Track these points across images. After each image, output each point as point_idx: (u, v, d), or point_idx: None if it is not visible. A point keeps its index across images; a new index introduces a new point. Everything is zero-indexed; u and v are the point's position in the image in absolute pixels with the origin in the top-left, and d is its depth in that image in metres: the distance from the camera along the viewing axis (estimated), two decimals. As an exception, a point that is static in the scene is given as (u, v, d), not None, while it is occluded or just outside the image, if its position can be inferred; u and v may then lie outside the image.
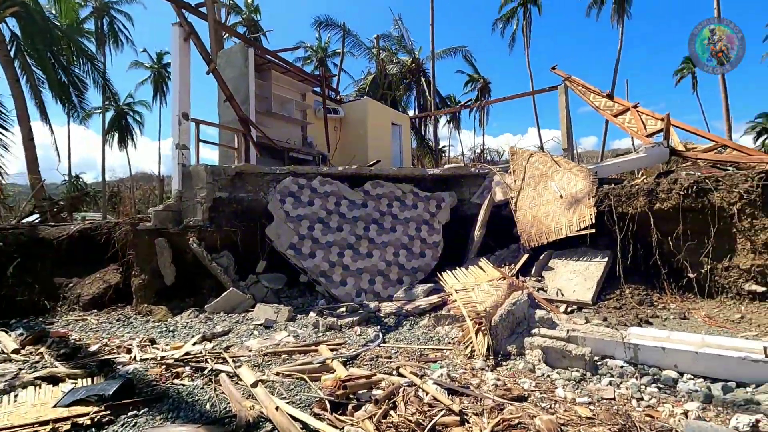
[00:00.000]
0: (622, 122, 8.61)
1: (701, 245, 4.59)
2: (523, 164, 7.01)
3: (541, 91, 11.28)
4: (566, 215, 5.84)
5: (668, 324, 4.27)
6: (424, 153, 24.73)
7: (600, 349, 3.58)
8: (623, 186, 5.40)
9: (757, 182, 4.15)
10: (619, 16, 27.38)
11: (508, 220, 6.91)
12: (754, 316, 4.10)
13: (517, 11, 31.76)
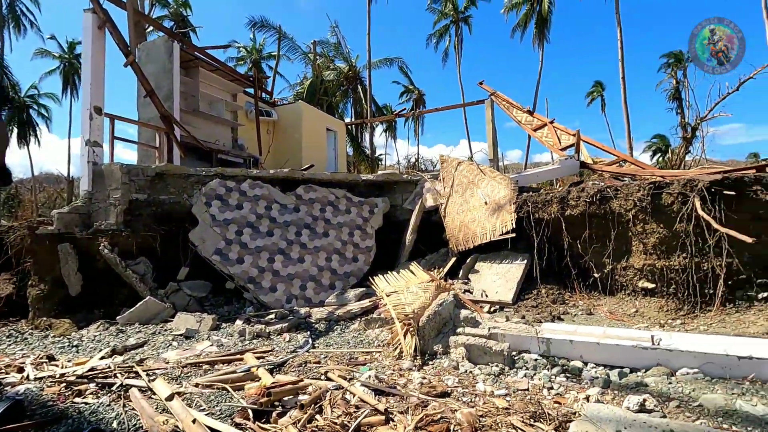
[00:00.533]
0: (540, 136, 9.36)
1: (604, 248, 5.11)
2: (452, 172, 7.33)
3: (470, 104, 11.91)
4: (490, 221, 6.19)
5: (576, 319, 4.68)
6: (361, 160, 24.89)
7: (517, 344, 3.82)
8: (540, 194, 5.87)
9: (648, 192, 4.73)
10: (539, 40, 29.80)
11: (438, 225, 7.17)
12: (645, 310, 4.64)
13: (449, 28, 33.33)
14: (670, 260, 4.60)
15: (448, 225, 6.87)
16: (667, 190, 4.63)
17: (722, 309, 4.23)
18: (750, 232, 4.07)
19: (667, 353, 3.21)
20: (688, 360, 3.14)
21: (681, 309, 4.43)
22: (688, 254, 4.46)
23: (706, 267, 4.37)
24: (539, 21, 29.44)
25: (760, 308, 4.08)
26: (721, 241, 4.20)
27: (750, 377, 2.93)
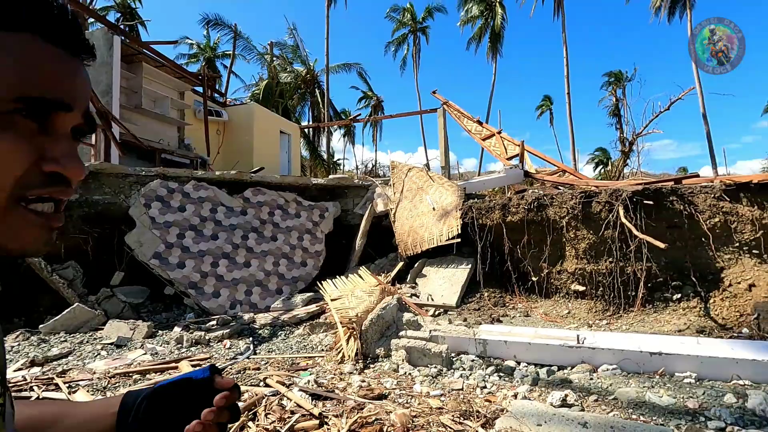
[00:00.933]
0: (488, 145, 9.74)
1: (541, 252, 5.39)
2: (402, 178, 7.46)
3: (424, 112, 12.18)
4: (438, 226, 6.35)
5: (514, 321, 4.90)
6: (317, 164, 24.70)
7: (456, 346, 3.94)
8: (484, 201, 6.10)
9: (579, 200, 5.06)
10: (492, 53, 31.06)
11: (388, 230, 7.25)
12: (577, 311, 4.94)
13: (407, 37, 33.96)
14: (599, 264, 4.94)
15: (398, 230, 6.97)
16: (596, 199, 4.97)
17: (642, 309, 4.59)
18: (666, 239, 4.46)
19: (591, 351, 3.43)
20: (608, 357, 3.37)
21: (607, 310, 4.75)
22: (614, 259, 4.80)
23: (629, 271, 4.73)
24: (493, 36, 30.69)
25: (674, 308, 4.47)
26: (641, 247, 4.56)
27: (660, 371, 3.20)
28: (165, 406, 0.58)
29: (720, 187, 4.81)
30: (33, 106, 0.37)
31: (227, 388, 0.57)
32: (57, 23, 0.40)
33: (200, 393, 0.57)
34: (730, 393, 2.76)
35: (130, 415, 0.58)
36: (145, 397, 0.59)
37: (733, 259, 4.54)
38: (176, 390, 0.59)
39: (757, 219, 4.52)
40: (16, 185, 0.37)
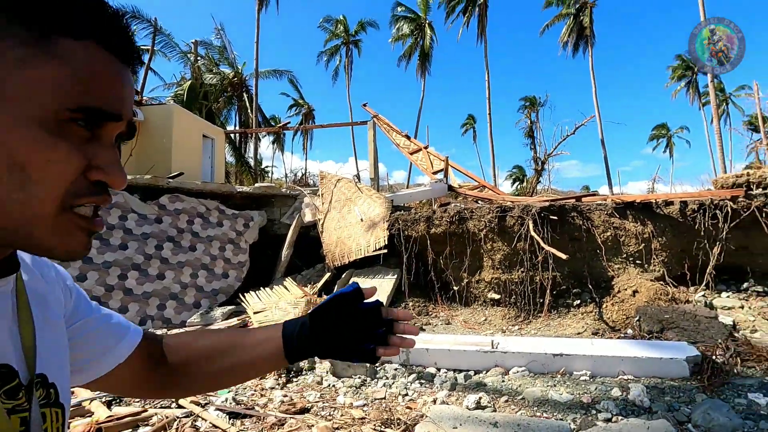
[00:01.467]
0: (416, 159, 10.10)
1: (462, 263, 5.70)
2: (330, 188, 7.46)
3: (354, 123, 12.32)
4: (365, 237, 6.43)
5: (437, 329, 5.10)
6: (243, 171, 23.75)
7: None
8: (410, 213, 6.32)
9: (496, 214, 5.47)
10: (422, 71, 32.42)
11: (316, 241, 7.19)
12: (493, 318, 5.28)
13: (340, 49, 34.23)
14: (512, 274, 5.34)
15: (326, 240, 6.93)
16: (510, 213, 5.40)
17: (548, 315, 5.04)
18: (568, 251, 4.96)
19: (503, 355, 3.69)
20: (517, 360, 3.65)
21: (519, 316, 5.15)
22: (525, 269, 5.23)
23: (537, 280, 5.17)
24: (422, 54, 32.07)
25: (574, 313, 4.97)
26: (548, 258, 5.03)
27: (561, 371, 3.54)
28: (324, 321, 0.65)
29: (611, 205, 5.48)
30: (91, 116, 0.38)
31: (371, 296, 0.66)
32: (115, 31, 0.40)
33: (351, 305, 0.65)
34: (617, 387, 3.14)
35: (294, 336, 0.65)
36: (305, 320, 0.66)
37: (621, 268, 5.18)
38: (332, 305, 0.65)
39: (640, 233, 5.22)
40: (67, 192, 0.38)
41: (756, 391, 2.92)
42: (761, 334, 3.94)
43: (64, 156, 0.37)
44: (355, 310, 0.65)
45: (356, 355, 0.66)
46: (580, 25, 30.87)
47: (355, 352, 0.66)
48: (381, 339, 0.66)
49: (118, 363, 0.58)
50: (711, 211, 4.98)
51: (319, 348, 0.66)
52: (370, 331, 0.65)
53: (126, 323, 0.63)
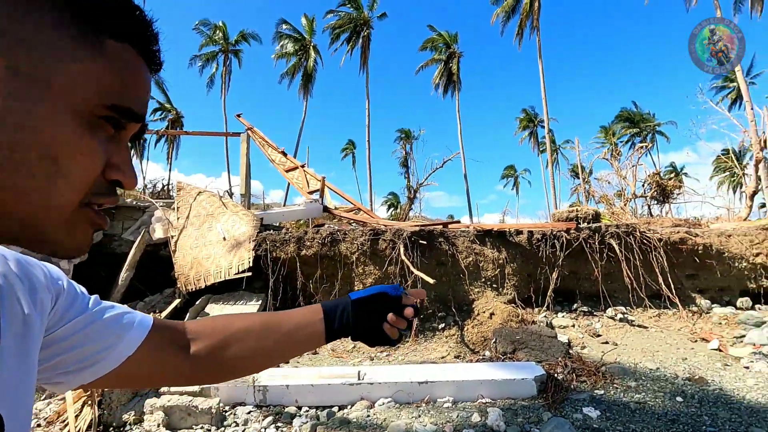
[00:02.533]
0: (291, 177, 9.67)
1: (332, 287, 5.44)
2: (189, 201, 6.56)
3: (223, 134, 11.36)
4: (227, 258, 5.74)
5: (302, 360, 4.68)
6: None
7: (232, 397, 3.44)
8: (279, 233, 5.86)
9: (368, 237, 5.38)
10: (304, 92, 32.24)
11: (167, 262, 6.18)
12: (361, 345, 5.08)
13: (217, 56, 32.12)
14: (382, 298, 5.26)
15: (179, 261, 6.00)
16: (383, 236, 5.37)
17: (416, 340, 5.05)
18: (435, 275, 5.09)
19: (369, 387, 3.47)
20: (384, 391, 3.47)
21: (388, 342, 5.05)
22: (395, 293, 5.20)
23: (406, 304, 5.18)
24: (305, 75, 31.97)
25: (440, 337, 5.07)
26: (417, 282, 5.08)
27: (426, 399, 3.46)
28: (365, 310, 0.73)
29: (473, 232, 5.86)
30: (122, 115, 0.39)
31: (411, 304, 0.74)
32: (149, 37, 0.42)
33: (391, 303, 0.74)
34: (476, 412, 3.16)
35: (335, 319, 0.72)
36: (348, 305, 0.73)
37: (480, 291, 5.51)
38: (375, 300, 0.74)
39: (496, 259, 5.66)
40: (89, 188, 0.39)
41: (588, 405, 3.22)
42: (589, 350, 4.50)
43: (94, 151, 0.38)
44: (390, 303, 0.73)
45: (381, 340, 0.74)
46: (450, 71, 34.50)
47: (381, 336, 0.74)
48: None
49: (124, 358, 0.56)
50: (551, 240, 5.66)
51: (354, 332, 0.73)
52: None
53: (131, 315, 0.61)
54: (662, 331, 5.02)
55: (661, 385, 3.58)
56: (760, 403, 3.17)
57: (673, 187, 17.53)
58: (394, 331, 0.74)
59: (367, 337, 0.74)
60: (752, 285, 5.91)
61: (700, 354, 4.33)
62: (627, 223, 6.39)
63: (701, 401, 3.24)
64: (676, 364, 4.07)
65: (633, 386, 3.56)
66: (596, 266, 5.53)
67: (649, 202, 17.03)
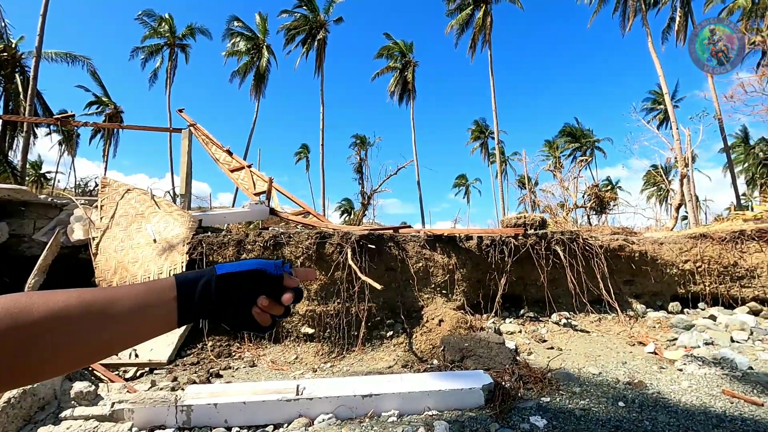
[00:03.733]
0: (236, 178, 9.14)
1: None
2: (116, 200, 5.93)
3: (165, 129, 10.59)
4: (157, 262, 5.22)
5: (237, 374, 4.29)
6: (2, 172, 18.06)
7: (150, 419, 3.02)
8: (217, 235, 5.42)
9: (315, 241, 5.09)
10: (256, 92, 31.22)
11: (88, 266, 5.52)
12: (305, 356, 4.77)
13: (162, 49, 30.39)
14: (328, 306, 4.98)
15: (101, 265, 5.38)
16: (330, 240, 5.10)
17: (362, 348, 4.81)
18: (384, 281, 4.90)
19: (308, 402, 3.19)
20: (324, 406, 3.20)
21: (333, 352, 4.77)
22: (342, 300, 4.95)
23: (353, 311, 4.94)
24: (258, 75, 31.00)
25: (387, 345, 4.87)
26: (364, 288, 4.86)
27: (370, 413, 3.23)
28: (233, 289, 0.60)
29: (424, 237, 5.74)
30: None
31: (293, 287, 0.62)
32: None
33: (269, 283, 0.62)
34: (422, 426, 2.97)
35: (194, 295, 0.58)
36: (212, 279, 0.60)
37: (430, 298, 5.38)
38: (248, 277, 0.61)
39: (446, 265, 5.57)
40: None
41: (535, 413, 3.13)
42: (535, 355, 4.48)
43: None
44: (267, 283, 0.62)
45: (250, 325, 0.63)
46: (405, 80, 34.91)
47: (249, 321, 0.62)
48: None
49: None
50: (500, 246, 5.66)
51: (216, 314, 0.61)
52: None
53: None
54: (603, 336, 5.14)
55: (604, 390, 3.59)
56: (695, 405, 3.25)
57: (609, 198, 18.65)
58: (265, 317, 0.62)
59: (233, 320, 0.62)
60: (681, 290, 6.25)
61: (638, 357, 4.44)
62: (571, 230, 6.56)
63: (642, 406, 3.26)
64: (617, 368, 4.13)
65: (578, 392, 3.55)
66: (542, 272, 5.59)
67: (589, 213, 17.99)
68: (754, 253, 6.23)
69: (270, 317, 0.63)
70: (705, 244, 6.37)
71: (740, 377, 3.78)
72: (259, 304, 0.61)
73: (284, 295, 0.62)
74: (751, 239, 6.37)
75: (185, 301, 0.58)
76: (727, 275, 6.20)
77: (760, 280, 6.08)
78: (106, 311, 0.52)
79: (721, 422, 2.93)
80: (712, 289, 6.19)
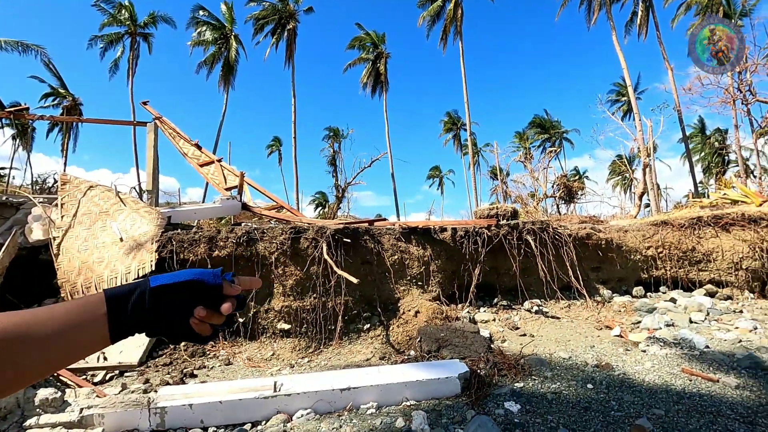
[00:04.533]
0: (206, 172, 8.90)
1: (249, 291, 4.99)
2: (78, 197, 5.67)
3: (129, 123, 10.16)
4: (125, 261, 5.03)
5: (212, 373, 4.22)
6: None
7: (122, 423, 2.94)
8: (188, 232, 5.27)
9: (289, 236, 5.03)
10: (225, 83, 30.36)
11: (49, 267, 5.27)
12: (281, 352, 4.73)
13: (123, 38, 29.04)
14: (304, 301, 4.95)
15: (63, 266, 5.15)
16: (305, 235, 5.06)
17: (340, 342, 4.82)
18: (360, 274, 4.90)
19: (286, 399, 3.17)
20: (303, 401, 3.19)
21: (310, 347, 4.76)
22: (318, 294, 4.93)
23: (330, 306, 4.93)
24: (226, 66, 30.12)
25: (365, 338, 4.90)
26: (341, 282, 4.86)
27: (348, 407, 3.24)
28: (168, 301, 0.58)
29: (399, 230, 5.78)
30: None
31: (235, 295, 0.61)
32: None
33: (207, 293, 0.60)
34: (401, 417, 3.01)
35: (127, 311, 0.57)
36: (145, 292, 0.58)
37: (406, 290, 5.44)
38: (184, 288, 0.59)
39: (421, 256, 5.62)
40: None
41: (509, 399, 3.23)
42: (509, 343, 4.61)
43: None
44: (205, 293, 0.60)
45: (189, 336, 0.62)
46: (377, 71, 34.72)
47: (188, 332, 0.61)
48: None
49: None
50: (473, 237, 5.77)
51: (152, 327, 0.59)
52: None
53: None
54: (572, 321, 5.34)
55: (573, 373, 3.74)
56: (657, 384, 3.43)
57: (577, 188, 19.24)
58: (204, 327, 0.60)
59: (170, 333, 0.60)
60: (645, 275, 6.56)
61: (605, 341, 4.64)
62: (541, 220, 6.75)
63: (609, 387, 3.42)
64: (586, 352, 4.30)
65: (549, 376, 3.68)
66: (514, 261, 5.73)
67: (558, 202, 18.52)
68: (710, 238, 6.59)
69: (210, 327, 0.61)
70: (666, 231, 6.69)
71: (698, 356, 4.02)
72: (196, 314, 0.59)
73: (223, 304, 0.60)
74: (708, 225, 6.73)
75: (117, 316, 0.56)
76: (686, 260, 6.55)
77: (715, 263, 6.45)
78: (30, 334, 0.50)
79: (681, 399, 3.11)
80: (672, 273, 6.52)
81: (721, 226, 6.67)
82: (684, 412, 2.90)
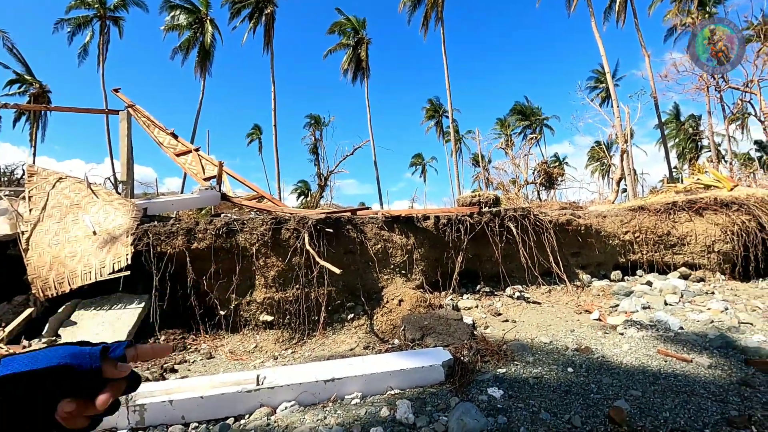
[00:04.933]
0: (183, 162, 8.66)
1: (230, 283, 4.92)
2: (46, 189, 5.44)
3: (100, 111, 9.77)
4: (99, 255, 4.87)
5: (194, 367, 4.15)
6: None
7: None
8: (165, 224, 5.12)
9: (270, 226, 4.95)
10: (201, 70, 29.47)
11: (17, 263, 5.07)
12: (264, 344, 4.69)
13: (92, 22, 27.80)
14: (287, 292, 4.90)
15: (33, 261, 4.95)
16: (286, 225, 4.98)
17: (324, 333, 4.80)
18: (343, 264, 4.86)
19: (269, 391, 3.14)
20: (287, 394, 3.17)
21: (294, 338, 4.72)
22: (300, 285, 4.88)
23: (313, 296, 4.89)
24: (202, 52, 29.21)
25: (348, 328, 4.88)
26: (323, 273, 4.81)
27: (333, 397, 3.23)
28: (25, 396, 0.45)
29: (382, 219, 5.74)
30: None
31: (121, 378, 0.49)
32: None
33: (81, 379, 0.47)
34: (386, 406, 3.02)
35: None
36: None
37: (389, 279, 5.43)
38: (46, 378, 0.45)
39: (404, 245, 5.62)
40: None
41: (492, 385, 3.27)
42: (492, 329, 4.67)
43: None
44: (78, 380, 0.46)
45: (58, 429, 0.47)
46: (358, 57, 34.23)
47: (55, 426, 0.47)
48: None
49: None
50: (456, 225, 5.78)
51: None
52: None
53: None
54: (553, 306, 5.44)
55: (554, 358, 3.81)
56: (634, 366, 3.52)
57: (557, 174, 19.48)
58: (78, 421, 0.47)
59: (28, 430, 0.46)
60: (622, 259, 6.72)
61: (585, 325, 4.74)
62: (523, 206, 6.81)
63: (588, 370, 3.50)
64: (566, 336, 4.39)
65: (531, 361, 3.74)
66: (497, 248, 5.78)
67: (539, 188, 18.74)
68: (685, 222, 6.77)
69: (86, 419, 0.48)
70: (642, 216, 6.84)
71: (672, 337, 4.14)
72: (59, 412, 0.46)
73: (101, 394, 0.47)
74: (682, 210, 6.91)
75: None
76: (662, 244, 6.72)
77: (689, 247, 6.64)
78: None
79: (657, 379, 3.20)
80: (648, 257, 6.69)
81: (695, 211, 6.86)
82: (660, 392, 2.98)
